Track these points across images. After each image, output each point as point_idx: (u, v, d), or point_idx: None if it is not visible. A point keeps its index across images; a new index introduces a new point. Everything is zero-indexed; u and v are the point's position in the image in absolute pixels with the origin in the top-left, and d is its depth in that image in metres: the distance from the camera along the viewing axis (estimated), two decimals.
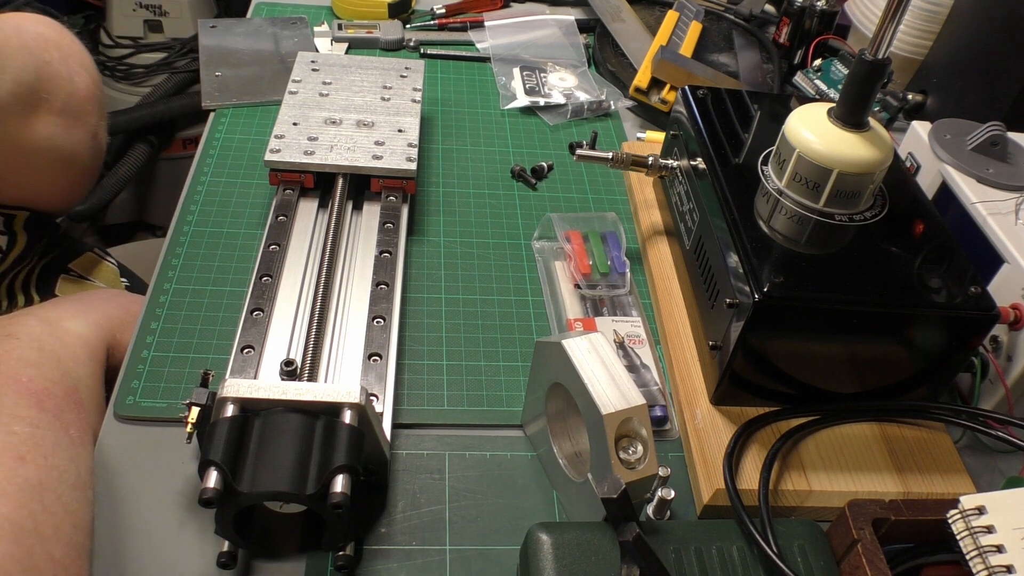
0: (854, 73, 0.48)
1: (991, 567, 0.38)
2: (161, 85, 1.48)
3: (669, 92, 0.77)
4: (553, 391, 0.47)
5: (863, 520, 0.41)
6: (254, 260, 0.56)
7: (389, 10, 0.89)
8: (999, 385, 0.53)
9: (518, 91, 0.81)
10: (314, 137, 0.63)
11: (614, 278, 0.61)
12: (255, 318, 0.52)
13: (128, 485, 0.47)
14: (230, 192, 0.67)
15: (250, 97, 0.77)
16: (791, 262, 0.48)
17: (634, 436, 0.42)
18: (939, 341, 0.49)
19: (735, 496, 0.44)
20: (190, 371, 0.53)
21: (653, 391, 0.54)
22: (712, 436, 0.50)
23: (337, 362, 0.51)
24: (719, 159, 0.55)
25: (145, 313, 0.56)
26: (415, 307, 0.59)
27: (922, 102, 0.81)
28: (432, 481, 0.49)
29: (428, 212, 0.68)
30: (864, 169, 0.49)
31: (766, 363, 0.49)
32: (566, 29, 0.91)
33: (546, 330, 0.59)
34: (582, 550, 0.40)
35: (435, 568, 0.45)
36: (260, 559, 0.44)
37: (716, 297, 0.51)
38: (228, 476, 0.39)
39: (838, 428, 0.51)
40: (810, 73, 0.84)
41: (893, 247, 0.50)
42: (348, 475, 0.40)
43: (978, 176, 0.59)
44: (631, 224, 0.69)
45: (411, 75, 0.72)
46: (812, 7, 0.84)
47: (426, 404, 0.53)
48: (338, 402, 0.42)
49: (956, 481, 0.49)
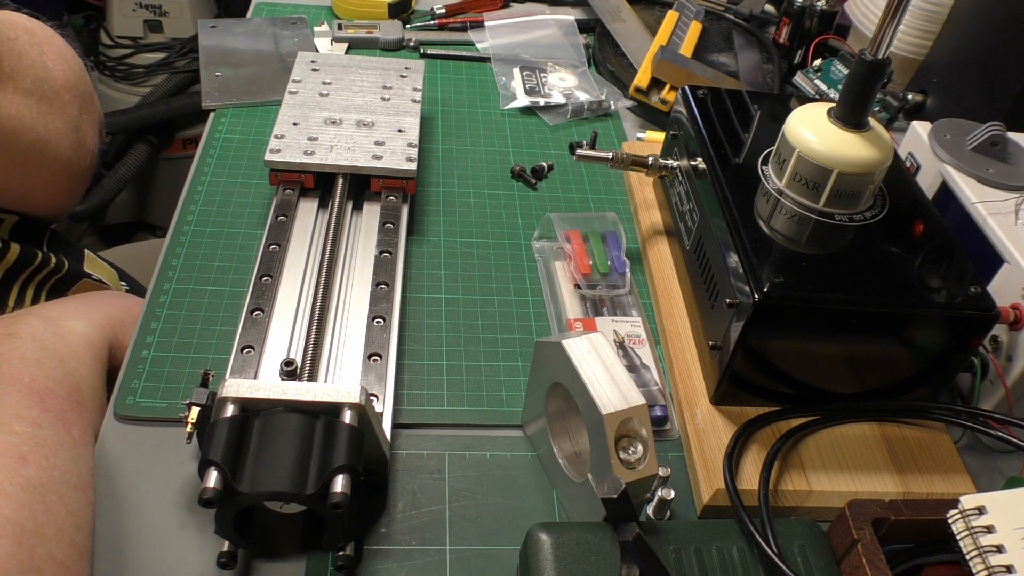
0: (854, 73, 0.48)
1: (991, 567, 0.38)
2: (161, 85, 1.48)
3: (669, 92, 0.77)
4: (553, 391, 0.47)
5: (863, 520, 0.41)
6: (254, 260, 0.56)
7: (389, 10, 0.89)
8: (999, 385, 0.53)
9: (518, 91, 0.81)
10: (314, 137, 0.63)
11: (614, 278, 0.61)
12: (255, 318, 0.52)
13: (128, 485, 0.47)
14: (230, 192, 0.67)
15: (250, 97, 0.77)
16: (791, 262, 0.48)
17: (634, 436, 0.42)
18: (939, 341, 0.49)
19: (735, 496, 0.44)
20: (190, 371, 0.53)
21: (653, 391, 0.54)
22: (712, 436, 0.50)
23: (337, 362, 0.51)
24: (719, 159, 0.55)
25: (145, 313, 0.56)
26: (415, 307, 0.59)
27: (922, 102, 0.81)
28: (432, 481, 0.49)
29: (428, 212, 0.68)
30: (864, 169, 0.49)
31: (766, 363, 0.49)
32: (566, 29, 0.91)
33: (546, 330, 0.59)
34: (582, 550, 0.40)
35: (435, 568, 0.45)
36: (260, 559, 0.44)
37: (716, 297, 0.51)
38: (228, 476, 0.39)
39: (838, 428, 0.51)
40: (810, 73, 0.84)
41: (893, 247, 0.50)
42: (348, 475, 0.40)
43: (978, 176, 0.59)
44: (631, 224, 0.69)
45: (411, 75, 0.72)
46: (812, 7, 0.84)
47: (426, 404, 0.53)
48: (338, 402, 0.42)
49: (956, 481, 0.49)
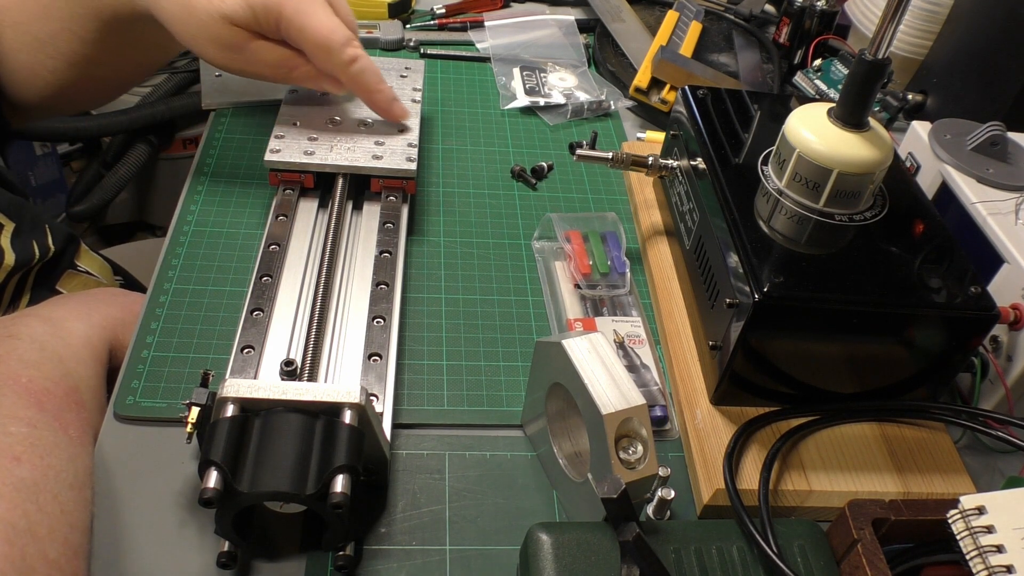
0: (854, 73, 0.48)
1: (991, 567, 0.38)
2: (161, 85, 1.48)
3: (669, 92, 0.77)
4: (553, 391, 0.47)
5: (863, 520, 0.41)
6: (254, 260, 0.56)
7: (389, 10, 0.89)
8: (999, 385, 0.53)
9: (518, 91, 0.81)
10: (314, 137, 0.63)
11: (614, 278, 0.61)
12: (255, 318, 0.52)
13: (128, 485, 0.47)
14: (230, 192, 0.67)
15: (250, 97, 0.76)
16: (791, 262, 0.48)
17: (634, 436, 0.42)
18: (939, 341, 0.49)
19: (735, 496, 0.44)
20: (190, 371, 0.53)
21: (653, 391, 0.54)
22: (712, 436, 0.50)
23: (337, 362, 0.51)
24: (719, 159, 0.55)
25: (145, 313, 0.56)
26: (415, 307, 0.59)
27: (922, 102, 0.81)
28: (432, 481, 0.49)
29: (428, 212, 0.68)
30: (864, 169, 0.49)
31: (766, 363, 0.49)
32: (566, 29, 0.91)
33: (546, 330, 0.59)
34: (582, 550, 0.40)
35: (435, 568, 0.45)
36: (260, 559, 0.44)
37: (716, 297, 0.51)
38: (228, 476, 0.39)
39: (838, 428, 0.51)
40: (810, 73, 0.84)
41: (893, 247, 0.50)
42: (348, 475, 0.40)
43: (978, 176, 0.59)
44: (631, 224, 0.69)
45: (411, 75, 0.72)
46: (812, 7, 0.84)
47: (426, 404, 0.53)
48: (338, 402, 0.42)
49: (956, 481, 0.49)
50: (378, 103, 0.62)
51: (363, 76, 0.60)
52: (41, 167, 1.58)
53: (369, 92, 0.62)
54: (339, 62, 0.58)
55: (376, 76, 0.61)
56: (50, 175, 1.60)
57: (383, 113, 0.63)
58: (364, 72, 0.60)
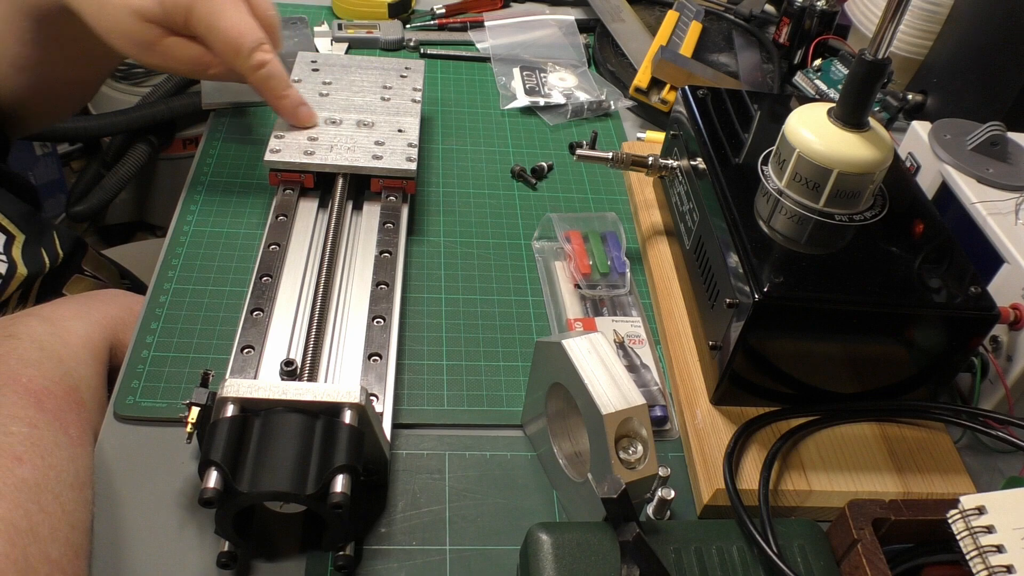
0: (854, 73, 0.48)
1: (991, 567, 0.38)
2: (161, 85, 1.48)
3: (669, 92, 0.77)
4: (553, 391, 0.47)
5: (863, 520, 0.41)
6: (254, 260, 0.56)
7: (389, 10, 0.89)
8: (999, 385, 0.53)
9: (518, 91, 0.81)
10: (314, 137, 0.63)
11: (614, 278, 0.61)
12: (255, 318, 0.52)
13: (128, 485, 0.47)
14: (230, 192, 0.67)
15: (250, 97, 0.76)
16: (791, 262, 0.48)
17: (634, 436, 0.42)
18: (939, 341, 0.49)
19: (735, 496, 0.44)
20: (190, 371, 0.53)
21: (653, 391, 0.54)
22: (712, 436, 0.50)
23: (337, 362, 0.51)
24: (719, 159, 0.55)
25: (145, 313, 0.56)
26: (415, 307, 0.59)
27: (922, 102, 0.81)
28: (432, 481, 0.49)
29: (428, 212, 0.68)
30: (864, 169, 0.49)
31: (766, 363, 0.49)
32: (566, 29, 0.91)
33: (546, 330, 0.59)
34: (582, 550, 0.40)
35: (435, 568, 0.45)
36: (260, 559, 0.44)
37: (716, 297, 0.51)
38: (228, 476, 0.39)
39: (838, 428, 0.51)
40: (810, 73, 0.84)
41: (893, 247, 0.50)
42: (348, 475, 0.40)
43: (978, 176, 0.59)
44: (631, 224, 0.69)
45: (411, 75, 0.72)
46: (812, 7, 0.84)
47: (426, 404, 0.53)
48: (338, 402, 0.42)
49: (956, 481, 0.49)
50: (284, 108, 0.62)
51: (269, 82, 0.60)
52: (41, 167, 1.58)
53: (275, 98, 0.61)
54: (246, 66, 0.58)
55: (283, 82, 0.61)
56: (50, 175, 1.60)
57: (289, 119, 0.63)
58: (271, 78, 0.60)
